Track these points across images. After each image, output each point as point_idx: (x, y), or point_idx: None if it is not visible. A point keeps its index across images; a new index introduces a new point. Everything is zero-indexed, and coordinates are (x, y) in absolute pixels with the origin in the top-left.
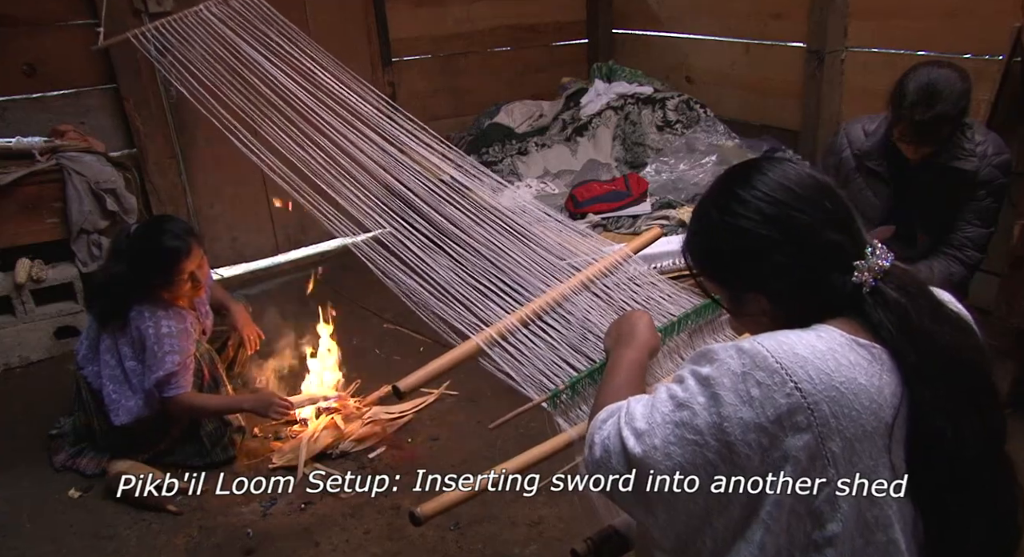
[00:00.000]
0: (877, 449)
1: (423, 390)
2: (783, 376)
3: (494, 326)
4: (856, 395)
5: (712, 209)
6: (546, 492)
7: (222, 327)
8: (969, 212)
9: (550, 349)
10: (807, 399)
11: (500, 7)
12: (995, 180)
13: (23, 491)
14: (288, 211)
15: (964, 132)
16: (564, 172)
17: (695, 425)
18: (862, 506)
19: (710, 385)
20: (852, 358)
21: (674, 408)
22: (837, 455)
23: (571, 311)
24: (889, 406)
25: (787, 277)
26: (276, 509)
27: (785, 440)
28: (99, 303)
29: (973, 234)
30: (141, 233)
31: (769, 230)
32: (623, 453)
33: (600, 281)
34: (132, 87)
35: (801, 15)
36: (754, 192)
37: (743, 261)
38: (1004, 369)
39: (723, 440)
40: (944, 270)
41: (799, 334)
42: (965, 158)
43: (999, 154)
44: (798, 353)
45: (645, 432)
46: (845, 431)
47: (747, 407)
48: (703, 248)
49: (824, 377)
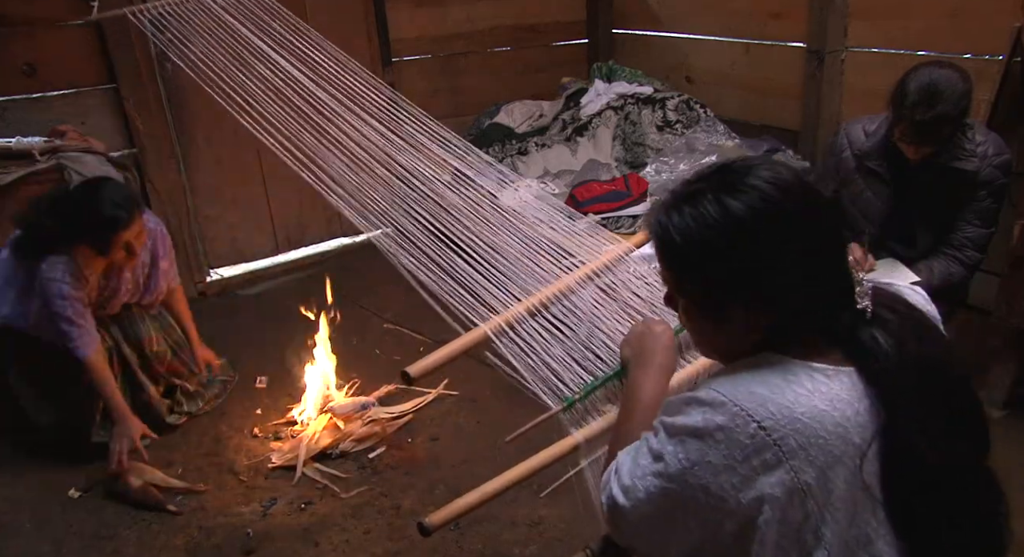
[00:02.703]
0: (849, 471)
1: (423, 390)
2: (744, 418)
3: (502, 315)
4: (820, 422)
5: (705, 200)
6: (546, 493)
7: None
8: (969, 212)
9: (559, 344)
10: (772, 436)
11: (500, 7)
12: (995, 181)
13: (23, 491)
14: (288, 210)
15: (965, 133)
16: (564, 172)
17: (669, 474)
18: (843, 530)
19: (677, 433)
20: (809, 386)
21: (652, 460)
22: (812, 486)
23: (577, 305)
24: (855, 426)
25: (796, 285)
26: (276, 509)
27: (758, 479)
28: (18, 240)
29: (973, 234)
30: (80, 196)
31: (777, 228)
32: (614, 509)
33: (605, 275)
34: (132, 87)
35: (801, 15)
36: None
37: (756, 268)
38: (1004, 369)
39: (697, 484)
40: (944, 270)
41: (752, 373)
42: (966, 158)
43: (999, 154)
44: (755, 392)
45: (630, 488)
46: (815, 460)
47: (714, 451)
48: (701, 239)
49: (785, 411)
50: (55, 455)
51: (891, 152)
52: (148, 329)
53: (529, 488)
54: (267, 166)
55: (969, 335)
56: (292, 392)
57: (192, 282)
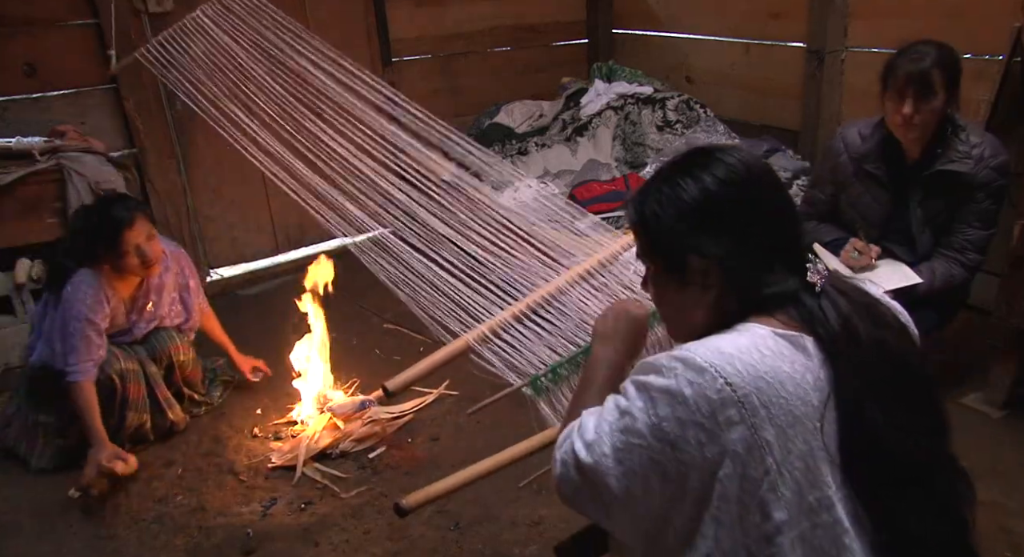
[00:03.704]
0: (808, 432)
1: (423, 390)
2: (712, 374)
3: (486, 324)
4: (782, 383)
5: (678, 172)
6: (546, 492)
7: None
8: (969, 215)
9: (541, 341)
10: (737, 393)
11: (500, 7)
12: (993, 182)
13: (23, 491)
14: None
15: (959, 134)
16: (564, 172)
17: (636, 429)
18: (803, 490)
19: (647, 390)
20: (773, 347)
21: (618, 416)
22: (772, 443)
23: (565, 303)
24: (814, 390)
25: (751, 249)
26: (276, 509)
27: (721, 435)
28: (47, 279)
29: (973, 236)
30: (91, 206)
31: (741, 194)
32: (577, 465)
33: (598, 273)
34: (132, 87)
35: (801, 15)
36: (725, 163)
37: (709, 218)
38: (1004, 369)
39: (664, 439)
40: (945, 272)
41: (721, 335)
42: (960, 160)
43: (996, 156)
44: (723, 351)
45: (594, 442)
46: (776, 419)
47: (682, 407)
48: (664, 199)
49: (750, 369)
50: (55, 455)
51: (888, 154)
52: (174, 338)
53: (529, 488)
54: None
55: (969, 335)
56: (292, 392)
57: None
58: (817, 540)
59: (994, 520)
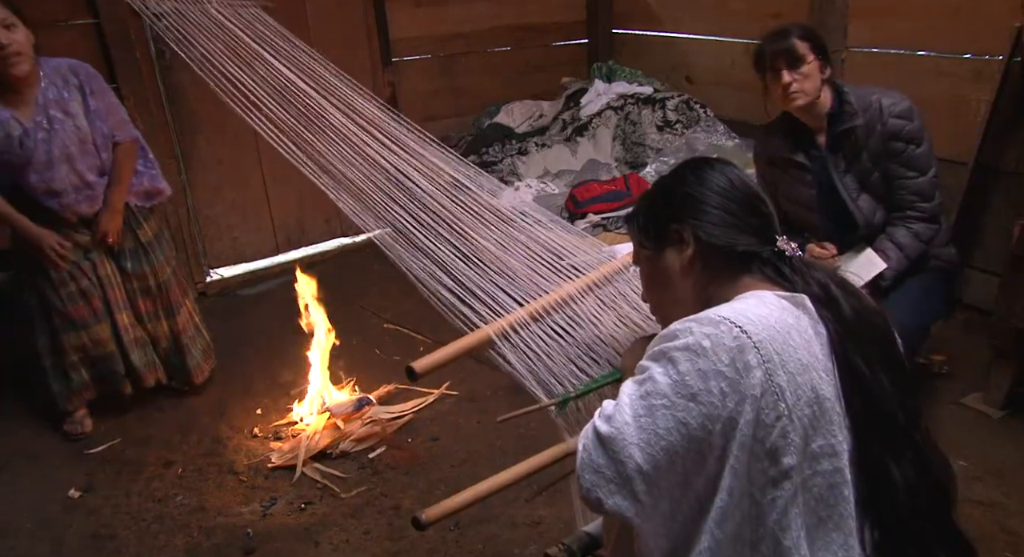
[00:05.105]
0: (815, 380)
1: (422, 390)
2: (727, 324)
3: (505, 318)
4: (789, 333)
5: (669, 178)
6: (546, 493)
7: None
8: (899, 167)
9: (560, 350)
10: (753, 338)
11: (500, 7)
12: (903, 128)
13: (23, 491)
14: (288, 211)
15: (844, 97)
16: (564, 172)
17: (658, 390)
18: (809, 437)
19: (664, 355)
20: (777, 304)
21: (637, 386)
22: (784, 389)
23: (578, 313)
24: (815, 341)
25: (712, 207)
26: (276, 509)
27: (742, 382)
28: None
29: (914, 185)
30: None
31: (698, 173)
32: (598, 440)
33: (605, 287)
34: (132, 87)
35: (801, 15)
36: (711, 173)
37: (686, 197)
38: (1004, 369)
39: (687, 394)
40: (906, 235)
41: (725, 305)
42: (851, 119)
43: (896, 104)
44: (733, 308)
45: (614, 414)
46: (788, 365)
47: (703, 359)
48: (649, 193)
49: (761, 319)
50: (55, 455)
51: (797, 138)
52: (160, 257)
53: (529, 489)
54: (267, 166)
55: (969, 335)
56: (292, 392)
57: (192, 282)
58: (816, 488)
59: (994, 520)
